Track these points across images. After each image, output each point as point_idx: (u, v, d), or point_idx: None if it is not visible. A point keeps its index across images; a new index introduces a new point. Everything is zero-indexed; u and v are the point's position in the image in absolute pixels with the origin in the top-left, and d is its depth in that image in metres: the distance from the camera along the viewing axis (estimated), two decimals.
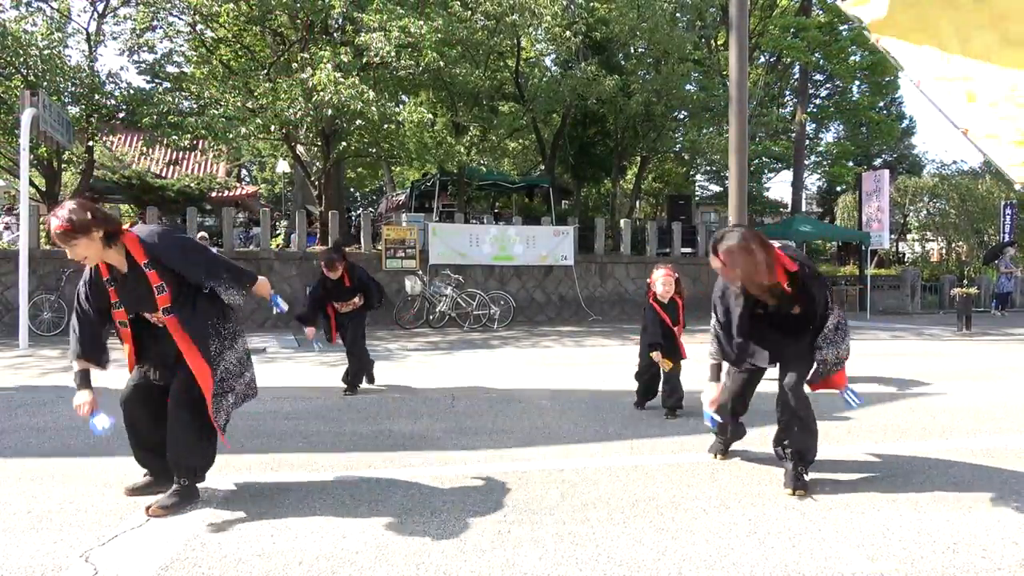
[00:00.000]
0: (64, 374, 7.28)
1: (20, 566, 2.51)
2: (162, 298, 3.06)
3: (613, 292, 16.65)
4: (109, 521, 2.96)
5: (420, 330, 13.06)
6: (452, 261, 14.63)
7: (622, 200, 23.19)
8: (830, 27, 21.78)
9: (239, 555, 2.60)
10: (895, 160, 30.36)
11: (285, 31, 15.96)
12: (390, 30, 13.26)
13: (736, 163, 7.90)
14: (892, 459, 3.93)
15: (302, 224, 14.97)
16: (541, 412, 5.31)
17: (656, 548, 2.67)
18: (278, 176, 25.88)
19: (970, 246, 25.00)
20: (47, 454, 4.05)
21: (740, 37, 7.76)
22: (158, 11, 14.83)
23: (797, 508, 3.11)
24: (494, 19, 14.97)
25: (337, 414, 5.23)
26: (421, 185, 20.71)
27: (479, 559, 2.57)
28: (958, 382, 6.74)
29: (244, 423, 4.82)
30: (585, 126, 19.87)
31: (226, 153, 17.25)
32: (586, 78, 15.89)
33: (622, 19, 16.51)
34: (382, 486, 3.45)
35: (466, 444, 4.31)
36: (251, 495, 3.31)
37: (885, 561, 2.55)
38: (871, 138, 27.48)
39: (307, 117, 13.61)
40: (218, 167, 22.96)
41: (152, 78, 16.08)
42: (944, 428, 4.75)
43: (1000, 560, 2.56)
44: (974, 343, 10.95)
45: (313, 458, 3.98)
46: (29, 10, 14.21)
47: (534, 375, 7.42)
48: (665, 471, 3.70)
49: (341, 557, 2.59)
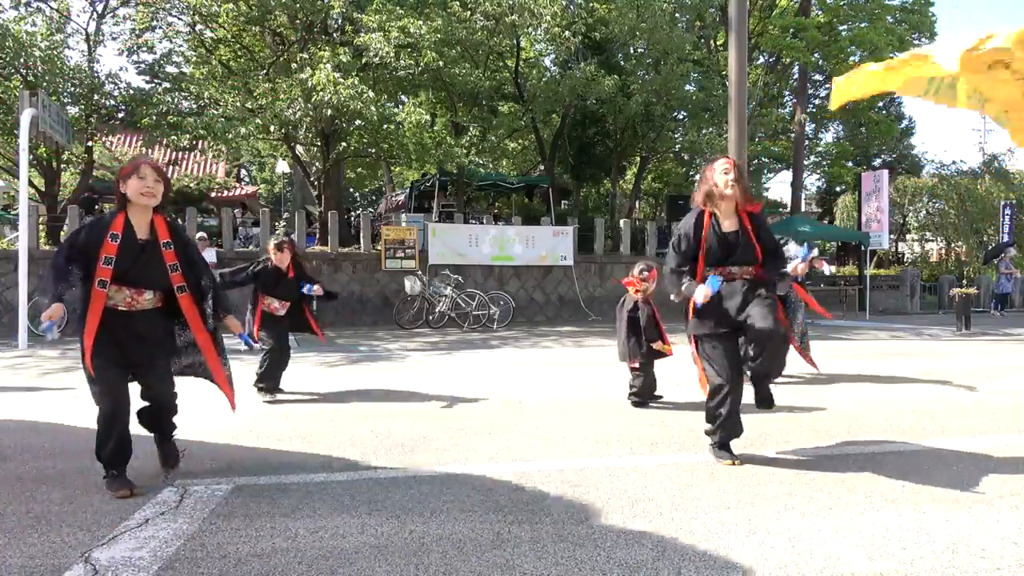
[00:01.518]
0: (64, 374, 7.28)
1: (20, 566, 2.50)
2: (176, 276, 3.36)
3: (613, 292, 16.64)
4: (109, 521, 2.95)
5: (419, 330, 13.06)
6: (451, 261, 14.63)
7: (622, 200, 23.21)
8: (829, 27, 21.81)
9: (239, 555, 2.60)
10: (894, 160, 30.35)
11: (284, 31, 15.97)
12: (389, 30, 13.28)
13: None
14: (892, 459, 3.93)
15: (301, 224, 14.97)
16: (541, 412, 5.31)
17: (656, 548, 2.67)
18: (277, 176, 25.88)
19: (969, 246, 25.01)
20: (47, 454, 4.04)
21: (739, 37, 7.78)
22: (157, 11, 14.85)
23: (797, 508, 3.11)
24: (493, 19, 14.98)
25: (336, 414, 5.23)
26: (420, 185, 20.71)
27: (479, 559, 2.57)
28: (958, 382, 6.74)
29: (244, 423, 4.83)
30: (584, 126, 19.87)
31: (225, 153, 17.24)
32: (585, 78, 15.90)
33: (621, 19, 16.53)
34: (382, 486, 3.45)
35: (466, 444, 4.31)
36: (251, 495, 3.31)
37: (885, 561, 2.55)
38: (870, 138, 27.50)
39: (306, 117, 13.62)
40: (218, 167, 22.96)
41: (151, 78, 16.08)
42: (944, 428, 4.75)
43: (1000, 560, 2.56)
44: (973, 343, 10.96)
45: (313, 458, 3.98)
46: (29, 10, 14.22)
47: (534, 375, 7.42)
48: (665, 471, 3.70)
49: (340, 557, 2.58)
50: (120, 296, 3.27)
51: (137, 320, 3.31)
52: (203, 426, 4.66)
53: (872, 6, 21.79)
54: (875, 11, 21.63)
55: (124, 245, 3.21)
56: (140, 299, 3.31)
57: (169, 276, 3.34)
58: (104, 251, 3.17)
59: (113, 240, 3.19)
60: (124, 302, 3.28)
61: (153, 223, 3.33)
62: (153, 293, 3.37)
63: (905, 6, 22.29)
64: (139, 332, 3.32)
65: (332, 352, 9.52)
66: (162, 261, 3.31)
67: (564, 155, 19.91)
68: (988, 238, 23.94)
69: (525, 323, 14.81)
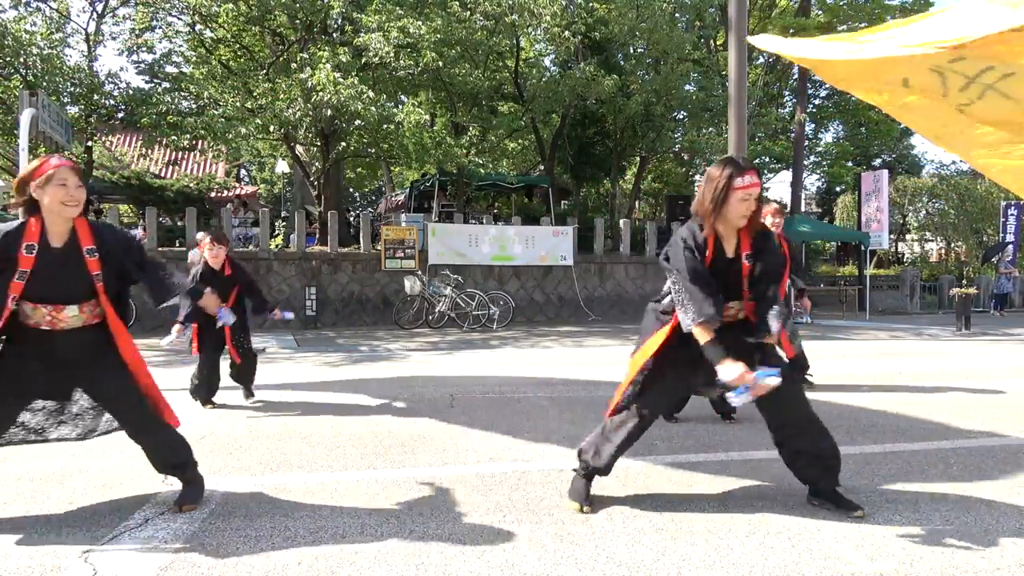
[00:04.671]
0: None
1: (20, 566, 2.50)
2: (101, 287, 2.90)
3: (612, 292, 16.66)
4: (109, 521, 2.95)
5: (419, 330, 13.05)
6: (451, 261, 14.63)
7: (621, 200, 23.20)
8: (829, 27, 21.80)
9: (239, 555, 2.60)
10: (894, 160, 30.39)
11: (284, 31, 15.97)
12: (389, 30, 13.27)
13: None
14: (892, 459, 3.93)
15: (301, 224, 14.97)
16: (541, 412, 5.31)
17: (656, 548, 2.67)
18: (277, 176, 25.86)
19: (969, 246, 25.03)
20: (46, 454, 4.04)
21: (739, 37, 7.77)
22: (157, 11, 14.86)
23: (797, 508, 3.11)
24: (493, 19, 14.99)
25: (336, 414, 5.23)
26: (420, 185, 20.71)
27: (479, 559, 2.57)
28: (957, 382, 6.74)
29: (244, 423, 4.83)
30: (584, 126, 19.88)
31: (225, 153, 17.27)
32: (585, 78, 15.90)
33: (621, 19, 16.54)
34: (382, 486, 3.45)
35: (466, 444, 4.31)
36: (251, 495, 3.31)
37: (885, 561, 2.55)
38: (870, 138, 27.54)
39: (306, 117, 13.62)
40: (217, 167, 22.96)
41: (151, 78, 16.10)
42: (944, 428, 4.75)
43: (1000, 560, 2.56)
44: (973, 343, 10.96)
45: (313, 458, 3.98)
46: (28, 10, 14.23)
47: (534, 375, 7.42)
48: (664, 471, 3.70)
49: (340, 557, 2.58)
50: (38, 315, 2.84)
51: (59, 341, 2.89)
52: (203, 426, 4.65)
53: (872, 6, 21.83)
54: (875, 11, 21.66)
55: (39, 259, 2.79)
56: (61, 316, 2.86)
57: (94, 286, 2.88)
58: (20, 264, 2.76)
59: (29, 252, 2.77)
60: (44, 320, 2.85)
61: (74, 228, 2.86)
62: (78, 308, 2.89)
63: (905, 6, 22.31)
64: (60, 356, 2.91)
65: (333, 352, 9.52)
66: (86, 270, 2.85)
67: (564, 155, 19.91)
68: (988, 238, 23.95)
69: (525, 323, 14.81)
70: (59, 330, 2.87)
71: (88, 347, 2.94)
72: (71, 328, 2.88)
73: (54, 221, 2.83)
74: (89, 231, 2.89)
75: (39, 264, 2.78)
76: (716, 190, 2.84)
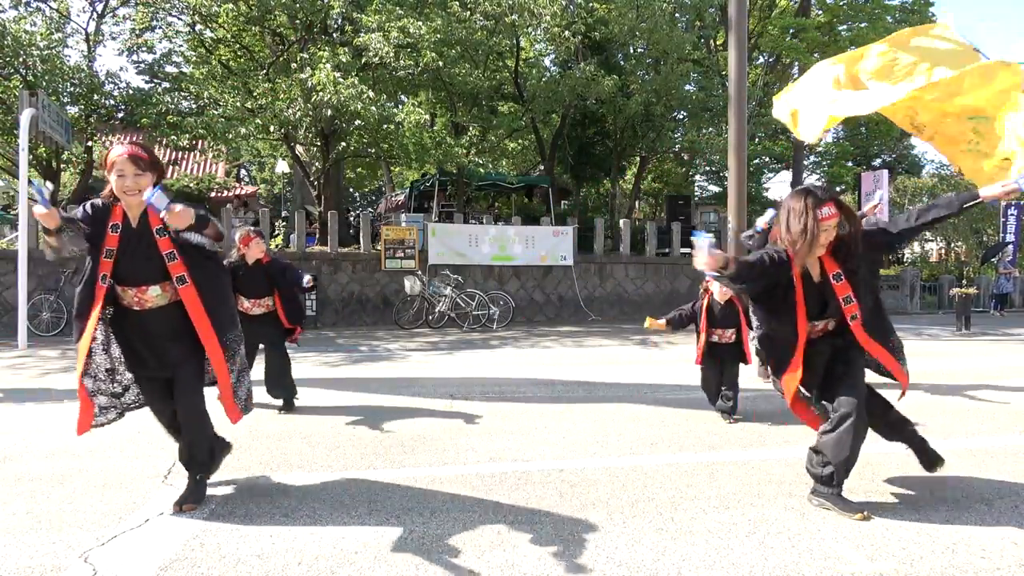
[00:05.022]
0: (63, 375, 7.27)
1: (20, 566, 2.50)
2: (174, 265, 2.98)
3: (612, 292, 16.66)
4: (108, 521, 2.95)
5: (419, 330, 13.05)
6: (451, 261, 14.63)
7: (621, 200, 23.20)
8: (829, 28, 21.81)
9: (238, 555, 2.60)
10: (894, 160, 30.36)
11: (284, 31, 15.96)
12: (389, 30, 13.27)
13: (735, 163, 7.90)
14: (892, 459, 3.93)
15: (301, 224, 14.97)
16: (541, 412, 5.30)
17: (655, 548, 2.67)
18: (277, 176, 25.86)
19: (969, 246, 25.02)
20: (46, 454, 4.04)
21: (739, 37, 7.77)
22: (157, 11, 14.85)
23: (797, 508, 3.11)
24: (493, 19, 14.98)
25: (336, 414, 5.23)
26: (420, 185, 20.71)
27: (479, 559, 2.57)
28: (957, 382, 6.73)
29: (243, 423, 4.81)
30: (584, 126, 19.88)
31: (225, 153, 17.24)
32: (585, 78, 15.90)
33: (621, 19, 16.53)
34: (382, 486, 3.45)
35: (465, 444, 4.31)
36: (251, 495, 3.31)
37: (885, 561, 2.55)
38: (870, 138, 27.52)
39: (306, 117, 13.62)
40: (217, 167, 22.96)
41: (151, 78, 16.08)
42: (944, 428, 4.75)
43: (1000, 560, 2.56)
44: (973, 343, 10.96)
45: (313, 458, 3.98)
46: (28, 10, 14.22)
47: (534, 375, 7.41)
48: (664, 471, 3.70)
49: (340, 557, 2.58)
50: (128, 296, 3.02)
51: (150, 319, 3.04)
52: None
53: (872, 6, 21.81)
54: (875, 11, 21.65)
55: (122, 239, 2.95)
56: (146, 296, 3.02)
57: (167, 266, 2.98)
58: (106, 243, 2.93)
59: (114, 231, 2.94)
60: (134, 301, 3.02)
61: (146, 210, 2.97)
62: (160, 288, 3.02)
63: (905, 6, 22.31)
64: (151, 331, 3.06)
65: (333, 352, 9.52)
66: (158, 250, 2.96)
67: (564, 155, 19.91)
68: (988, 238, 23.95)
69: (525, 323, 14.81)
70: (146, 309, 3.04)
71: (177, 323, 3.06)
72: (157, 307, 3.04)
73: (125, 204, 2.98)
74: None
75: (123, 243, 2.95)
76: (806, 227, 2.81)
